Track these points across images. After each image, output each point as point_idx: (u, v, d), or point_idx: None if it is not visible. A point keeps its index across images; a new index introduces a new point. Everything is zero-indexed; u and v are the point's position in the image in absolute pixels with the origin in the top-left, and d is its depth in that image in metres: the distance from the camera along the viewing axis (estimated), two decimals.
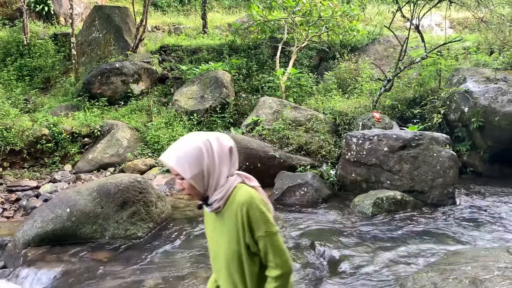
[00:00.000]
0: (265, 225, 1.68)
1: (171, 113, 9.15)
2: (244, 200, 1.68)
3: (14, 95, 9.41)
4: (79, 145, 8.37)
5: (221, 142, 1.75)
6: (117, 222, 4.71)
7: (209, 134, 1.77)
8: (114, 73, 9.84)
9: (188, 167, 1.67)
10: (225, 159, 1.74)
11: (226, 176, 1.74)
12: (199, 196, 1.77)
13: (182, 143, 1.72)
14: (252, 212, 1.67)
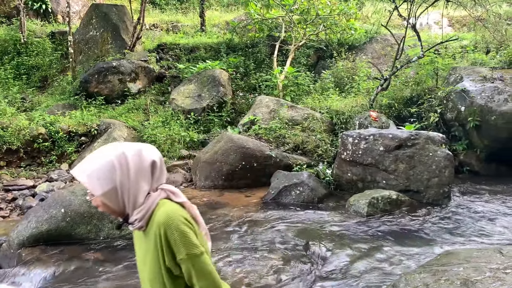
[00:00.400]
0: (186, 247, 1.51)
1: (168, 112, 9.15)
2: (162, 221, 1.52)
3: (11, 93, 9.41)
4: (76, 144, 8.37)
5: (141, 156, 1.58)
6: (111, 222, 4.70)
7: (129, 146, 1.60)
8: (111, 71, 9.83)
9: (98, 184, 1.52)
10: (145, 174, 1.58)
11: (147, 193, 1.58)
12: (117, 214, 1.62)
13: (94, 156, 1.56)
14: (170, 233, 1.50)
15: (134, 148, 1.59)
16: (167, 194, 1.61)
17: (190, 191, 6.74)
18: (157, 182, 1.62)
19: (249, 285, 3.91)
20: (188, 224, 1.54)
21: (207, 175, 6.83)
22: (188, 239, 1.52)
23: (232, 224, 5.34)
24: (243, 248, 4.66)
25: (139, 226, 1.58)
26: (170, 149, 8.22)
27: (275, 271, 4.13)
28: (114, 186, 1.53)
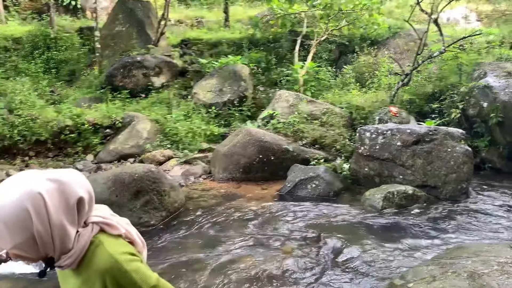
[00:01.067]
0: (143, 284, 1.29)
1: (190, 105, 9.34)
2: (106, 268, 1.25)
3: (41, 87, 9.77)
4: (101, 136, 8.65)
5: (64, 193, 1.23)
6: (131, 210, 4.90)
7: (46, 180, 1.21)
8: (136, 66, 10.09)
9: (8, 236, 1.18)
10: (71, 214, 1.25)
11: (76, 232, 1.28)
12: (36, 261, 1.29)
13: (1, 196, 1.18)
14: (123, 278, 1.26)
15: (53, 184, 1.22)
16: (99, 227, 1.32)
17: (209, 183, 6.89)
18: (85, 217, 1.31)
19: (260, 274, 4.01)
20: (134, 259, 1.31)
21: (225, 167, 6.96)
22: (142, 274, 1.29)
23: (247, 215, 5.45)
24: (257, 238, 4.77)
25: (68, 268, 1.31)
26: (191, 142, 8.40)
27: (287, 261, 4.22)
28: (30, 236, 1.18)
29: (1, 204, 1.16)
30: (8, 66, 10.42)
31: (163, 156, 8.01)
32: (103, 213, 1.38)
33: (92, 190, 1.34)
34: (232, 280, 3.90)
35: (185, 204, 5.68)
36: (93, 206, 1.34)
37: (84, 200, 1.27)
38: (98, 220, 1.32)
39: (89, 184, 1.33)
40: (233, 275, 3.97)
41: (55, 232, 1.22)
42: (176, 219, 5.24)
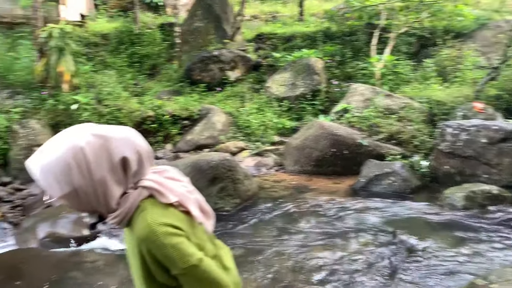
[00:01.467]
0: (179, 262, 1.22)
1: (263, 99, 9.46)
2: (143, 236, 1.21)
3: (126, 80, 10.43)
4: (179, 126, 9.06)
5: (108, 150, 1.22)
6: (208, 195, 5.08)
7: (91, 134, 1.23)
8: (213, 60, 10.42)
9: (55, 185, 1.21)
10: (116, 172, 1.24)
11: (122, 193, 1.27)
12: (88, 213, 1.32)
13: (50, 147, 1.23)
14: (157, 251, 1.22)
15: (97, 139, 1.22)
16: (149, 193, 1.28)
17: (280, 175, 6.96)
18: (136, 177, 1.28)
19: (331, 266, 4.00)
20: (175, 233, 1.23)
21: (297, 160, 6.98)
22: (180, 251, 1.22)
23: (319, 207, 5.44)
24: (328, 231, 4.76)
25: (117, 226, 1.32)
26: (263, 135, 8.52)
27: (359, 256, 4.16)
28: (73, 189, 1.21)
29: (50, 156, 1.20)
30: (97, 60, 11.24)
31: (236, 147, 8.22)
32: (165, 176, 1.33)
33: (147, 151, 1.31)
34: (302, 269, 3.93)
35: (258, 193, 5.79)
36: (147, 168, 1.31)
37: (129, 160, 1.24)
38: (149, 184, 1.27)
39: (143, 144, 1.30)
40: (303, 265, 4.00)
41: (97, 188, 1.22)
42: (249, 207, 5.37)
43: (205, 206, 1.39)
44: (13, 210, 6.22)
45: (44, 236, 4.75)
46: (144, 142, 1.32)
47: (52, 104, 8.05)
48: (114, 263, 4.12)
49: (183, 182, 1.37)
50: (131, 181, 1.28)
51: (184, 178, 1.40)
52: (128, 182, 1.27)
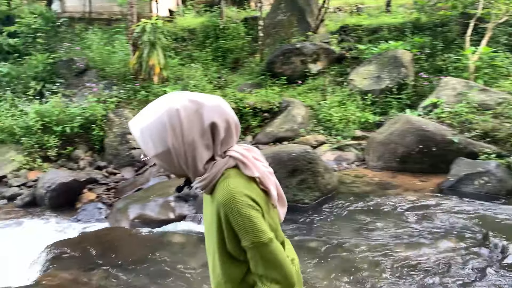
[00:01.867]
0: (251, 234, 1.25)
1: (345, 92, 9.25)
2: (222, 202, 1.26)
3: (210, 73, 10.80)
4: (259, 119, 9.18)
5: (200, 115, 1.29)
6: (286, 187, 5.11)
7: (189, 100, 1.31)
8: (295, 53, 10.39)
9: (151, 144, 1.30)
10: (205, 136, 1.30)
11: (209, 159, 1.33)
12: (177, 176, 1.40)
13: (150, 109, 1.33)
14: (233, 218, 1.25)
15: (192, 104, 1.30)
16: (235, 163, 1.33)
17: (362, 170, 6.77)
18: (224, 146, 1.34)
19: (414, 265, 3.81)
20: (253, 206, 1.26)
21: (380, 155, 6.73)
22: (254, 224, 1.25)
23: (402, 206, 5.21)
24: (413, 230, 4.54)
25: (201, 192, 1.37)
26: (344, 129, 8.34)
27: (446, 256, 3.93)
28: (167, 148, 1.30)
29: (148, 118, 1.30)
30: (184, 54, 11.76)
31: (316, 141, 8.14)
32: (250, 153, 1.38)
33: (235, 121, 1.36)
34: (380, 266, 3.79)
35: (338, 187, 5.69)
36: (235, 139, 1.36)
37: (218, 126, 1.30)
38: (236, 155, 1.32)
39: (232, 114, 1.35)
40: (382, 261, 3.86)
41: (187, 150, 1.29)
42: (329, 200, 5.30)
43: (281, 192, 1.42)
44: (107, 192, 6.76)
45: (134, 217, 5.10)
46: (233, 113, 1.37)
47: (144, 95, 8.58)
48: (197, 244, 4.30)
49: (265, 163, 1.41)
50: (219, 148, 1.33)
51: (266, 161, 1.44)
52: (216, 149, 1.33)
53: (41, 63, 9.02)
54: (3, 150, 7.32)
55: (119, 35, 10.72)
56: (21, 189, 6.68)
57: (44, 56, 9.14)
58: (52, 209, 6.05)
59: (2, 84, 8.59)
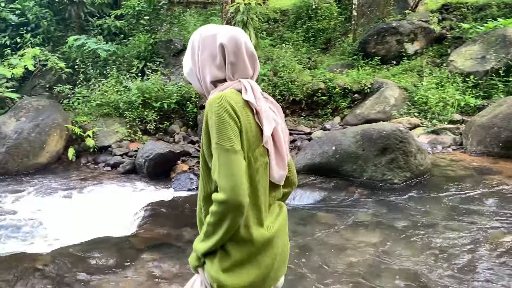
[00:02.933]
0: (217, 135, 1.28)
1: (444, 74, 8.65)
2: (209, 102, 1.35)
3: (300, 54, 10.75)
4: (349, 100, 8.98)
5: (214, 38, 1.42)
6: (375, 165, 4.97)
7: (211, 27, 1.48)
8: (390, 32, 9.93)
9: (185, 63, 1.53)
10: (214, 58, 1.42)
11: (212, 81, 1.44)
12: (201, 94, 1.54)
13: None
14: (210, 116, 1.32)
15: (213, 30, 1.45)
16: (240, 88, 1.40)
17: (458, 154, 6.32)
18: (236, 71, 1.42)
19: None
20: (232, 116, 1.31)
21: (480, 140, 6.22)
22: (224, 128, 1.29)
23: (504, 193, 4.79)
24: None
25: None
26: (441, 112, 7.84)
27: None
28: (190, 68, 1.49)
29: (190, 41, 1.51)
30: (275, 35, 11.84)
31: (409, 123, 7.75)
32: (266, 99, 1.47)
33: (250, 50, 1.44)
34: (474, 252, 3.53)
35: (431, 170, 5.38)
36: (249, 68, 1.45)
37: (226, 48, 1.40)
38: (245, 82, 1.41)
39: (247, 44, 1.43)
40: (476, 247, 3.60)
41: (200, 67, 1.45)
42: (420, 182, 5.04)
43: (283, 151, 1.44)
44: (198, 165, 7.13)
45: None
46: (250, 44, 1.45)
47: None
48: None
49: (274, 110, 1.48)
50: (230, 72, 1.43)
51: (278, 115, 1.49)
52: (227, 71, 1.43)
53: (143, 44, 9.67)
54: (109, 122, 8.03)
55: (214, 17, 11.11)
56: (123, 158, 7.29)
57: (146, 37, 9.78)
58: (149, 177, 6.54)
59: (109, 63, 9.38)
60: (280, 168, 1.44)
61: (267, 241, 1.39)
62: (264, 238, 1.38)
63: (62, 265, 3.19)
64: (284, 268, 1.50)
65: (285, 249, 1.49)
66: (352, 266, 3.29)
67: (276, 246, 1.42)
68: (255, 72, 1.48)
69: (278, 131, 1.43)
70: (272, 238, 1.40)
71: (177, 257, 3.32)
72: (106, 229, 3.97)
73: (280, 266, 1.45)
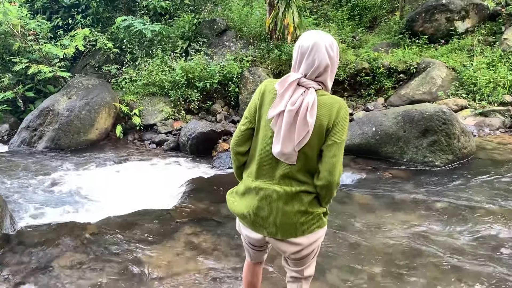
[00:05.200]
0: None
1: (497, 53, 8.23)
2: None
3: (344, 32, 10.53)
4: (393, 80, 8.75)
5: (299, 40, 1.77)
6: (416, 147, 4.88)
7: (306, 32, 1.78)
8: (439, 9, 9.52)
9: None
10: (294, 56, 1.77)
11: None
12: None
13: None
14: None
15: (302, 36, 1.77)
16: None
17: (507, 138, 6.07)
18: (297, 68, 1.73)
19: None
20: (255, 94, 1.81)
21: None
22: (250, 102, 1.83)
23: None
24: None
25: None
26: (491, 93, 7.50)
27: None
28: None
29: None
30: (319, 14, 11.64)
31: (456, 105, 7.50)
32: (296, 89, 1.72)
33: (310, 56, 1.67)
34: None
35: (476, 153, 5.22)
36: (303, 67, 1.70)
37: (295, 51, 1.74)
38: (285, 76, 1.73)
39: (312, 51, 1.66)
40: None
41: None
42: (463, 165, 4.91)
43: (281, 128, 1.66)
44: None
45: None
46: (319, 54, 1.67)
47: (277, 54, 8.81)
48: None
49: (294, 99, 1.67)
50: (296, 67, 1.74)
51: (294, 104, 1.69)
52: (294, 68, 1.75)
53: (187, 24, 9.81)
54: (154, 101, 8.30)
55: None
56: (167, 136, 7.54)
57: (190, 17, 9.91)
58: (192, 155, 6.75)
59: (154, 43, 9.62)
60: (275, 144, 1.69)
61: (249, 189, 1.79)
62: (249, 187, 1.79)
63: (108, 234, 3.42)
64: (272, 231, 1.75)
65: (274, 216, 1.73)
66: (387, 246, 3.31)
67: (255, 199, 1.76)
68: (306, 68, 1.70)
69: (284, 116, 1.65)
70: (254, 190, 1.78)
71: (215, 231, 3.46)
72: (150, 202, 4.19)
73: (263, 223, 1.76)
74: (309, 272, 1.90)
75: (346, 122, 1.70)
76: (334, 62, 1.70)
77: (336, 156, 1.65)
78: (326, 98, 1.68)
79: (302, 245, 1.75)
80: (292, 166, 1.69)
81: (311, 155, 1.68)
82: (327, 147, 1.65)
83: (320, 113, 1.63)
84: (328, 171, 1.65)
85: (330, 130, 1.65)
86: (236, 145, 1.83)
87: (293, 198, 1.69)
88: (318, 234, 1.77)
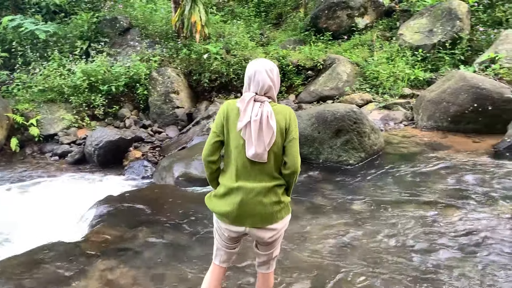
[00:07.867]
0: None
1: (394, 48, 8.78)
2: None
3: (252, 30, 10.53)
4: (302, 77, 8.94)
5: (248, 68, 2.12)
6: (331, 147, 4.99)
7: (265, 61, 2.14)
8: (341, 6, 9.91)
9: None
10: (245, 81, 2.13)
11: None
12: None
13: None
14: None
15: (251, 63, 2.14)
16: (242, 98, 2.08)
17: (410, 130, 6.49)
18: (249, 89, 2.09)
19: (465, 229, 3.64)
20: (220, 113, 2.11)
21: (431, 115, 6.40)
22: (216, 118, 2.13)
23: (453, 167, 4.97)
24: (464, 192, 4.33)
25: None
26: (392, 87, 7.98)
27: (502, 221, 3.72)
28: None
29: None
30: (226, 11, 11.51)
31: (361, 99, 7.86)
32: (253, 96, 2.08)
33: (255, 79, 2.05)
34: (429, 230, 3.64)
35: (384, 148, 5.49)
36: (251, 88, 2.07)
37: (247, 77, 2.10)
38: (244, 95, 2.07)
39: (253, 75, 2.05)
40: (431, 225, 3.72)
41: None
42: (374, 161, 5.13)
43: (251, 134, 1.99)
44: (152, 150, 6.89)
45: (179, 175, 5.15)
46: (257, 75, 2.05)
47: (186, 53, 8.51)
48: None
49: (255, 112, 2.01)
50: (248, 88, 2.11)
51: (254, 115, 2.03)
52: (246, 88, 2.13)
53: (86, 22, 9.09)
54: (53, 109, 7.56)
55: None
56: (71, 147, 6.92)
57: (89, 15, 9.20)
58: (101, 166, 6.26)
59: (50, 44, 8.77)
60: (249, 148, 2.02)
61: (231, 190, 2.08)
62: (230, 187, 2.07)
63: (9, 281, 2.97)
64: (254, 221, 2.07)
65: (255, 208, 2.05)
66: (315, 253, 3.30)
67: (237, 197, 2.05)
68: (255, 87, 2.07)
69: (251, 125, 2.00)
70: (236, 189, 2.06)
71: (132, 262, 3.16)
72: (55, 231, 3.75)
73: (245, 216, 2.06)
74: (277, 252, 2.30)
75: (296, 122, 2.13)
76: (275, 81, 2.10)
77: (296, 147, 2.05)
78: (278, 107, 2.08)
79: (276, 230, 2.12)
80: (265, 165, 2.04)
81: (277, 152, 2.05)
82: (289, 142, 2.04)
83: (277, 118, 2.03)
84: (292, 160, 2.03)
85: (288, 129, 2.05)
86: (208, 156, 2.13)
87: (269, 191, 2.05)
88: (287, 219, 2.17)
